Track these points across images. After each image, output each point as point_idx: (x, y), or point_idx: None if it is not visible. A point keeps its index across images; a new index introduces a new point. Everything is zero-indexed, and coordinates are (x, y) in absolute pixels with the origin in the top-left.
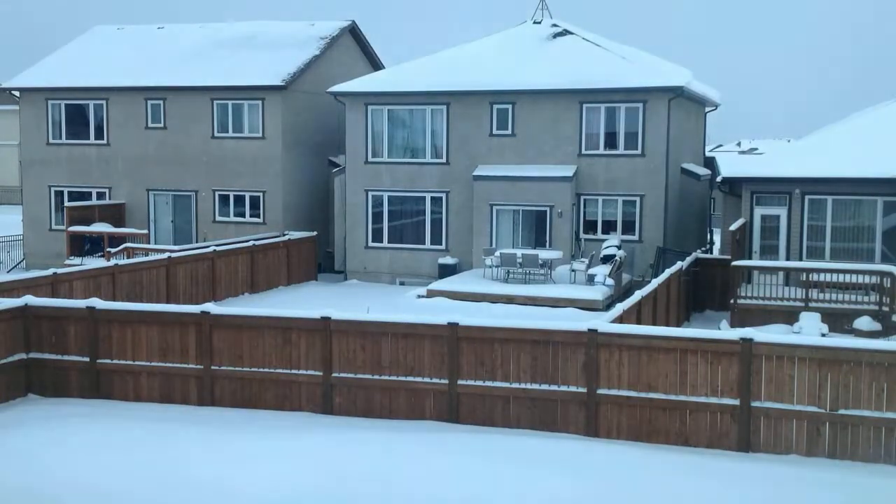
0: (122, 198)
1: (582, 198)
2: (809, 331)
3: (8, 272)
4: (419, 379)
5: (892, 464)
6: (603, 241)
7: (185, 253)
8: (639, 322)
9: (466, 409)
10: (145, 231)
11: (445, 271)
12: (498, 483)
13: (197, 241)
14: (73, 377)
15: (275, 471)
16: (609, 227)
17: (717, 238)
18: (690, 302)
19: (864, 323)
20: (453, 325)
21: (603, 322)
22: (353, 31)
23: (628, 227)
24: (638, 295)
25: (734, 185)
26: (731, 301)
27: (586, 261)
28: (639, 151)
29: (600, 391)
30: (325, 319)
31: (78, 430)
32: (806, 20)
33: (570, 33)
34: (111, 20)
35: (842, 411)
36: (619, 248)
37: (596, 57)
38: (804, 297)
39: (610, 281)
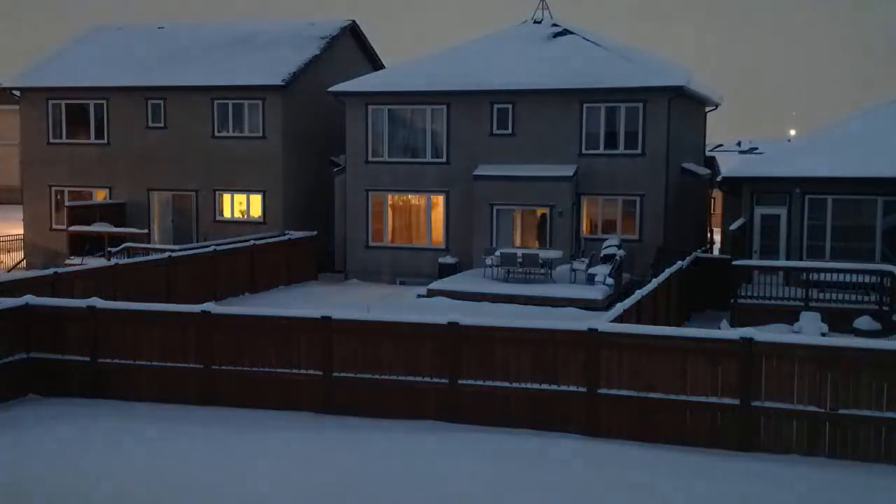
0: (122, 198)
1: (582, 197)
2: (809, 330)
3: (8, 272)
4: (419, 378)
5: (892, 464)
6: (603, 240)
7: (186, 253)
8: (639, 322)
9: (467, 409)
10: (145, 231)
11: (445, 271)
12: (498, 483)
13: (197, 241)
14: (74, 377)
15: (275, 470)
16: (609, 226)
17: (717, 238)
18: (691, 302)
19: (864, 323)
20: (454, 325)
21: (603, 322)
22: (353, 31)
23: (628, 227)
24: (638, 294)
25: (734, 185)
26: (731, 301)
27: (586, 260)
28: (639, 151)
29: (600, 391)
30: (326, 319)
31: (78, 429)
32: (806, 20)
33: (571, 33)
34: (111, 20)
35: (842, 411)
36: (619, 247)
37: (596, 56)
38: (804, 296)
39: (610, 280)
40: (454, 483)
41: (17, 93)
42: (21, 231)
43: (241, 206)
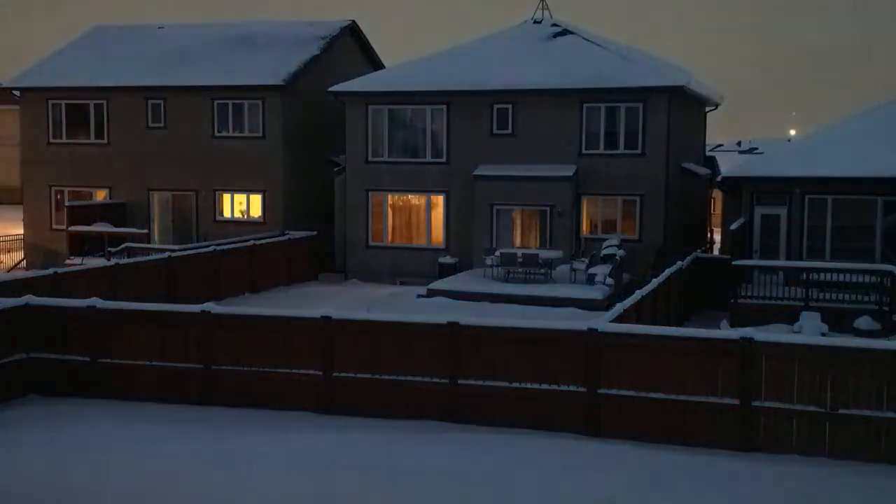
0: (122, 198)
1: (582, 197)
2: (809, 330)
3: (8, 272)
4: (419, 378)
5: (892, 464)
6: (603, 240)
7: (186, 253)
8: (639, 321)
9: (466, 409)
10: (145, 231)
11: (445, 271)
12: (498, 483)
13: (197, 241)
14: (74, 377)
15: (275, 470)
16: (609, 226)
17: (717, 238)
18: (691, 301)
19: (864, 323)
20: (453, 325)
21: (603, 322)
22: (353, 31)
23: (628, 227)
24: (638, 294)
25: (734, 185)
26: (732, 301)
27: (586, 260)
28: (639, 151)
29: (600, 391)
30: (326, 319)
31: (78, 430)
32: (806, 20)
33: (571, 33)
34: (111, 20)
35: (842, 411)
36: (619, 247)
37: (596, 56)
38: (804, 296)
39: (610, 280)
40: (454, 483)
41: (17, 93)
42: (21, 231)
43: (241, 206)
